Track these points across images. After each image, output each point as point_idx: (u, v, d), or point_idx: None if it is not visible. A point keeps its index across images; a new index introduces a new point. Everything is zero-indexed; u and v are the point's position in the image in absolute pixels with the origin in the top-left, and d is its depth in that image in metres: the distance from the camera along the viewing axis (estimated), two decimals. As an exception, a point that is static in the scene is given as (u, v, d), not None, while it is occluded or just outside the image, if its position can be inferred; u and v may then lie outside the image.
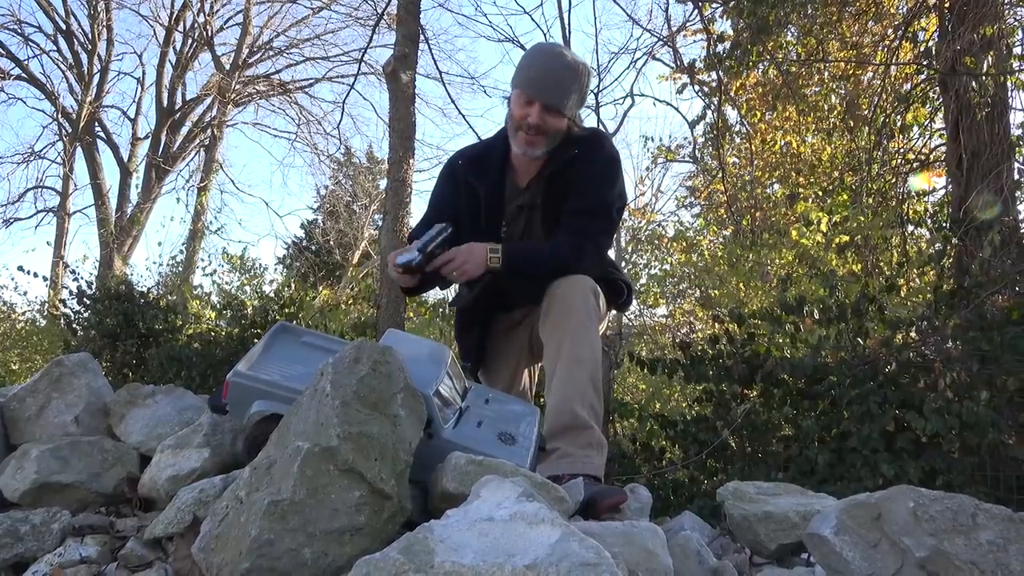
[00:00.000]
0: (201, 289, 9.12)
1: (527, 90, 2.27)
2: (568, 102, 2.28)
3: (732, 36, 7.45)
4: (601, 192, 2.31)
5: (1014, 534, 1.21)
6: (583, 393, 2.07)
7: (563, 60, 2.28)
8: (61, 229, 16.65)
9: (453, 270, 2.20)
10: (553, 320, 2.17)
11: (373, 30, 8.37)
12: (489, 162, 2.44)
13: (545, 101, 2.25)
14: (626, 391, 8.10)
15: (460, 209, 2.43)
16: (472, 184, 2.41)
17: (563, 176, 2.33)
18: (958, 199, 5.63)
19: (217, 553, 1.28)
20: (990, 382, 3.78)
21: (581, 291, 2.18)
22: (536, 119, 2.25)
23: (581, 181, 2.31)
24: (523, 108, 2.27)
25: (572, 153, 2.31)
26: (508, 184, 2.43)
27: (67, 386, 1.92)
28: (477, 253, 2.20)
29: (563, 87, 2.26)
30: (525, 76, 2.29)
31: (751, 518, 1.66)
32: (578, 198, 2.30)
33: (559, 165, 2.32)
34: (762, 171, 9.52)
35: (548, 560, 1.03)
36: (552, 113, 2.26)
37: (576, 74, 2.28)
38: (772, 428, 4.24)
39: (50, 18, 16.37)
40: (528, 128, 2.26)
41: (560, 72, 2.26)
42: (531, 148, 2.30)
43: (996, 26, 5.69)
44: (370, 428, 1.34)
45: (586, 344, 2.12)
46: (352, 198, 20.29)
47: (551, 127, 2.28)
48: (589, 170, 2.31)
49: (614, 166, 2.36)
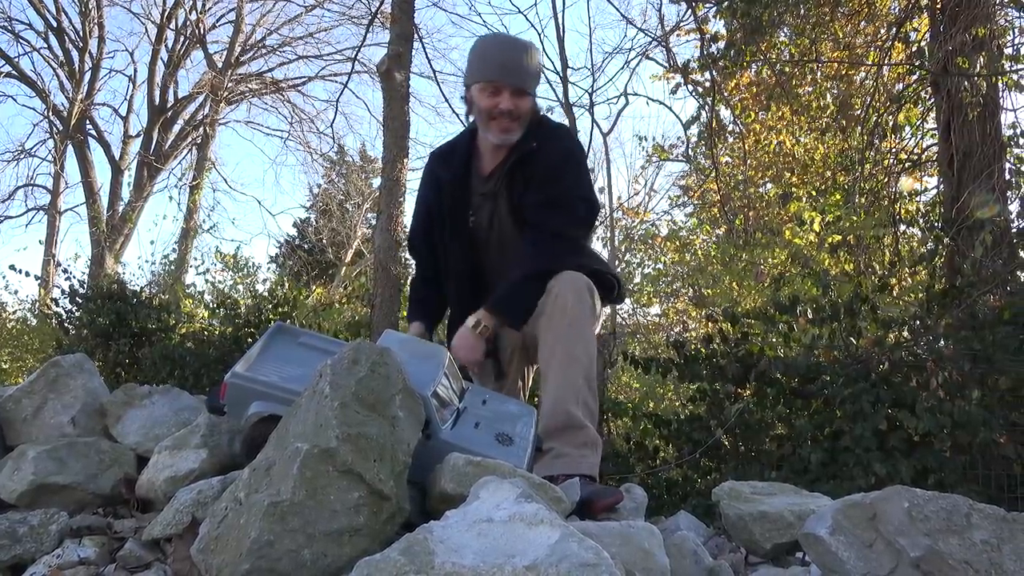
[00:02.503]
0: (194, 288, 9.09)
1: (493, 79, 2.33)
2: (532, 82, 2.37)
3: (726, 36, 7.46)
4: (562, 184, 2.34)
5: (1007, 534, 1.23)
6: (577, 392, 2.08)
7: (516, 44, 2.38)
8: (52, 227, 16.55)
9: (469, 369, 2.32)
10: (547, 318, 2.18)
11: (367, 29, 8.36)
12: (455, 154, 2.53)
13: (513, 85, 2.32)
14: (620, 390, 8.12)
15: (433, 204, 2.53)
16: (440, 176, 2.52)
17: (522, 169, 2.38)
18: (950, 199, 5.66)
19: (216, 554, 1.28)
20: (982, 381, 3.81)
21: (575, 289, 2.19)
22: (508, 104, 2.31)
23: (541, 174, 2.35)
24: (491, 98, 2.33)
25: (531, 146, 2.36)
26: (474, 174, 2.50)
27: (63, 387, 1.92)
28: (461, 342, 2.27)
29: (524, 69, 2.35)
30: (485, 67, 2.36)
31: (747, 518, 1.67)
32: (539, 191, 2.34)
33: (519, 156, 2.37)
34: (755, 171, 9.54)
35: (548, 560, 1.04)
36: (520, 95, 2.34)
37: (530, 54, 2.37)
38: (765, 427, 4.25)
39: (41, 15, 16.25)
40: (502, 114, 2.32)
41: (517, 55, 2.35)
42: (508, 134, 2.36)
43: (987, 27, 5.72)
44: (369, 429, 1.34)
45: (580, 343, 2.13)
46: (345, 197, 20.23)
47: (522, 110, 2.35)
48: (547, 162, 2.35)
49: (574, 158, 2.41)
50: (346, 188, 20.07)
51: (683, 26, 8.59)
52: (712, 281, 8.22)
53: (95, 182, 16.18)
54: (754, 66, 7.71)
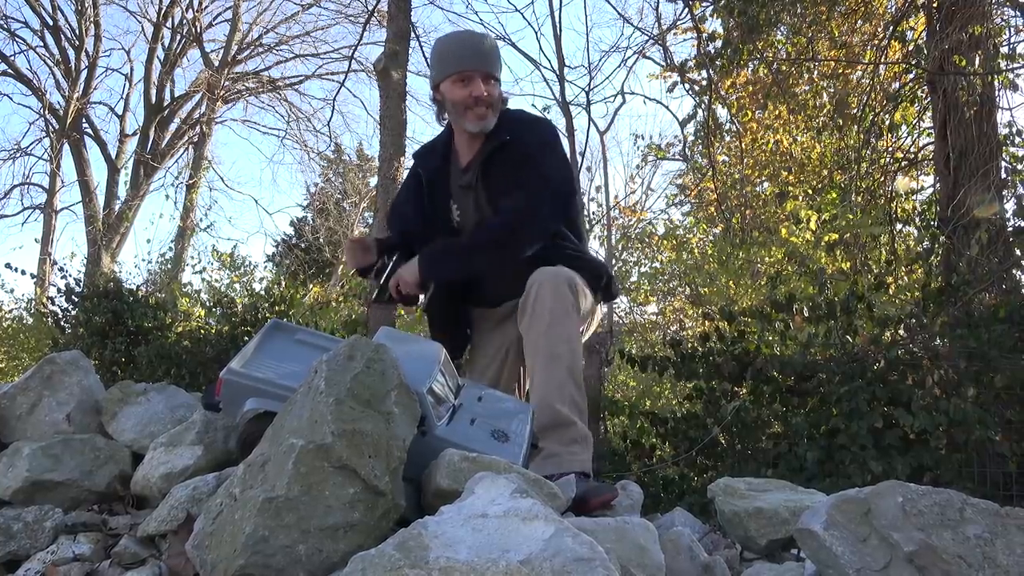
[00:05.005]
0: (191, 287, 9.06)
1: (464, 68, 2.35)
2: (498, 67, 2.42)
3: (722, 35, 7.47)
4: (533, 169, 2.33)
5: (1000, 528, 1.23)
6: (562, 389, 2.08)
7: (474, 34, 2.47)
8: (48, 226, 16.49)
9: (402, 290, 2.33)
10: (528, 316, 2.18)
11: (363, 27, 8.39)
12: (435, 149, 2.58)
13: (483, 71, 2.36)
14: (616, 388, 8.12)
15: (416, 200, 2.56)
16: (420, 171, 2.56)
17: (497, 160, 2.38)
18: (946, 197, 5.66)
19: (211, 550, 1.28)
20: (977, 379, 3.81)
21: (553, 284, 2.17)
22: (481, 90, 2.34)
23: (514, 163, 2.35)
24: (464, 88, 2.35)
25: (504, 138, 2.37)
26: (453, 168, 2.52)
27: (59, 384, 1.92)
28: (409, 267, 2.30)
29: (491, 55, 2.39)
30: (452, 60, 2.38)
31: (742, 514, 1.68)
32: (512, 178, 2.34)
33: (492, 149, 2.39)
34: (752, 169, 9.54)
35: (542, 555, 1.04)
36: (489, 81, 2.37)
37: (492, 42, 2.43)
38: (762, 425, 4.26)
39: (37, 13, 16.21)
40: (477, 102, 2.34)
41: (481, 44, 2.40)
42: (484, 120, 2.38)
43: (984, 26, 5.73)
44: (364, 425, 1.34)
45: (561, 338, 2.13)
46: (342, 195, 20.24)
47: (494, 95, 2.38)
48: (523, 150, 2.35)
49: (548, 146, 2.40)
50: (343, 187, 20.08)
51: (680, 25, 8.61)
52: (709, 279, 8.22)
53: (91, 181, 16.15)
54: (751, 65, 7.72)
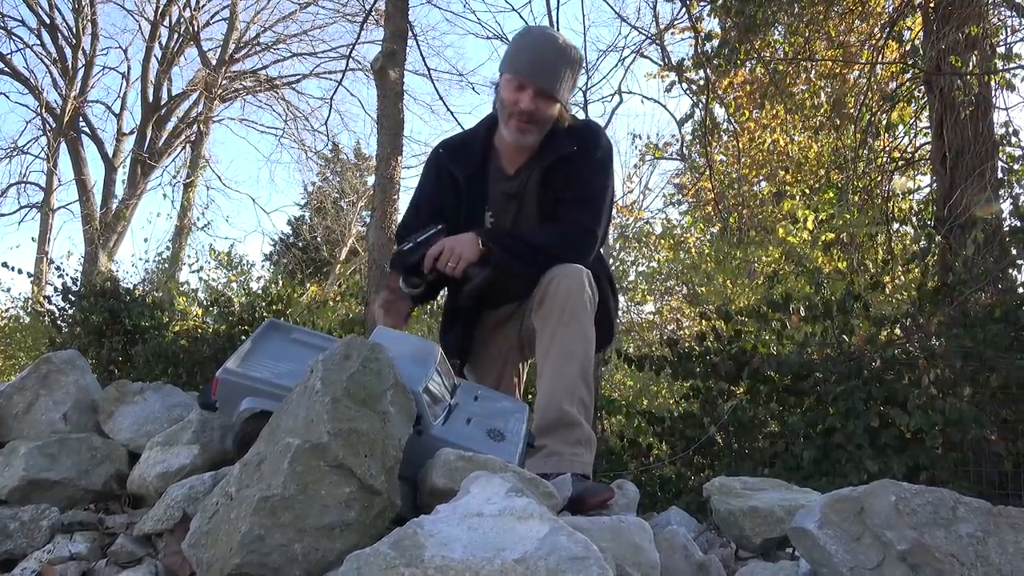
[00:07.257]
0: (188, 286, 9.07)
1: (519, 75, 2.20)
2: (561, 87, 2.22)
3: (720, 34, 7.48)
4: (595, 183, 2.27)
5: (993, 527, 1.24)
6: (572, 388, 2.02)
7: (556, 44, 2.22)
8: (45, 225, 16.47)
9: (447, 262, 2.13)
10: (545, 311, 2.12)
11: (361, 26, 8.36)
12: (470, 148, 2.38)
13: (538, 86, 2.19)
14: (614, 388, 8.13)
15: (444, 200, 2.37)
16: (453, 171, 2.35)
17: (561, 170, 2.27)
18: (942, 197, 5.67)
19: (207, 549, 1.28)
20: (973, 379, 3.83)
21: (576, 281, 2.11)
22: (528, 105, 2.19)
23: (579, 175, 2.26)
24: (514, 93, 2.20)
25: (571, 149, 2.26)
26: (492, 169, 2.37)
27: (55, 383, 1.91)
28: (465, 237, 2.16)
29: (556, 71, 2.20)
30: (516, 60, 2.23)
31: (737, 513, 1.68)
32: (575, 189, 2.26)
33: (557, 158, 2.27)
34: (749, 169, 9.55)
35: (537, 554, 1.05)
36: (545, 98, 2.20)
37: (569, 58, 2.23)
38: (758, 424, 4.27)
39: (34, 12, 16.18)
40: (520, 114, 2.20)
41: (553, 56, 2.20)
42: (523, 135, 2.24)
43: (980, 26, 5.74)
44: (360, 424, 1.35)
45: (578, 337, 2.07)
46: (340, 194, 20.24)
47: (543, 113, 2.21)
48: (588, 165, 2.27)
49: (609, 157, 2.34)
50: (340, 186, 20.08)
51: (677, 24, 8.63)
52: (706, 279, 8.23)
53: (88, 179, 16.13)
54: (748, 64, 7.72)
